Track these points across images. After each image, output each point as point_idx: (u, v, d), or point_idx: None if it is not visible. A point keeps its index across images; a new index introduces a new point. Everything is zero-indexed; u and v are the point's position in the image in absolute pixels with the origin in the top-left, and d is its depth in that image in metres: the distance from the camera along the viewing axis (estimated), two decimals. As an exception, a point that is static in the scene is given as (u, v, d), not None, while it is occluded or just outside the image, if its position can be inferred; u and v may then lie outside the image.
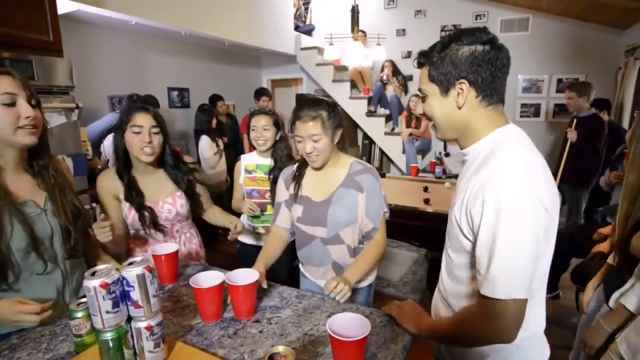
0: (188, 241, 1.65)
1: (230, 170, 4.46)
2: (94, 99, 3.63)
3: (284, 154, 1.94)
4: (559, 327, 2.52)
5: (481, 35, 0.81)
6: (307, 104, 1.31)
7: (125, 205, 1.48)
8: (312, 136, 1.28)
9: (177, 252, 1.30)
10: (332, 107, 1.34)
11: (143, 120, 1.43)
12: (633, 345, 1.09)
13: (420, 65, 0.90)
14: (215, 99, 4.38)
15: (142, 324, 0.81)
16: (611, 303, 1.32)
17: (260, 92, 4.51)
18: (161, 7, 3.41)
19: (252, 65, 6.22)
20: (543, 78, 5.05)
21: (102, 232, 1.23)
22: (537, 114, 5.17)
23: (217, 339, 0.99)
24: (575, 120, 3.25)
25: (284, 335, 1.01)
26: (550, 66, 4.96)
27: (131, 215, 1.49)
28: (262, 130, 1.88)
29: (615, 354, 1.15)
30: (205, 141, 3.61)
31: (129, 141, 1.43)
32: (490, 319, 0.78)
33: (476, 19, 5.29)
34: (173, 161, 1.56)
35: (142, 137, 1.42)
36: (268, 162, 1.97)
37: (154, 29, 3.79)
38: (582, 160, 3.18)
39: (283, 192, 1.49)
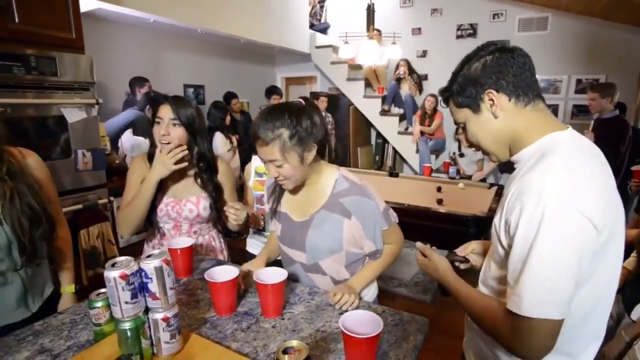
0: (207, 243, 1.62)
1: (243, 165, 4.55)
2: (113, 95, 3.71)
3: None
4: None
5: (487, 48, 0.82)
6: (266, 119, 1.06)
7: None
8: (272, 162, 1.08)
9: (192, 246, 1.32)
10: (298, 122, 1.06)
11: (164, 111, 1.41)
12: (651, 351, 1.07)
13: (446, 101, 0.90)
14: (229, 96, 4.42)
15: (159, 315, 0.83)
16: (634, 315, 1.29)
17: (270, 91, 4.54)
18: (179, 5, 3.47)
19: (266, 63, 6.26)
20: (562, 78, 4.96)
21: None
22: (554, 115, 5.06)
23: (230, 332, 1.01)
24: (593, 122, 3.19)
25: (297, 330, 1.02)
26: (569, 66, 4.87)
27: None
28: None
29: (633, 360, 1.13)
30: (219, 138, 3.65)
31: (154, 131, 1.43)
32: (516, 334, 0.72)
33: (493, 17, 5.22)
34: (203, 163, 1.50)
35: (160, 129, 1.41)
36: None
37: (172, 27, 3.86)
38: None
39: (268, 201, 1.36)
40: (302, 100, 1.19)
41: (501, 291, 0.83)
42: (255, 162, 1.81)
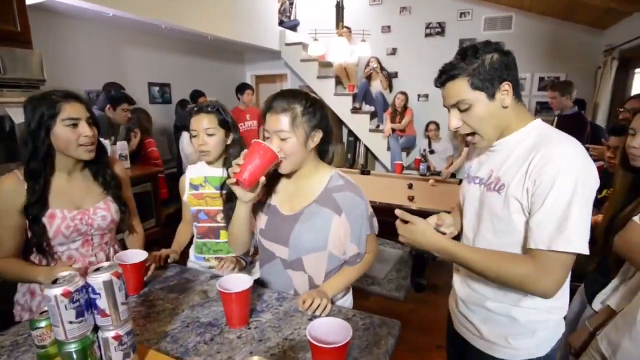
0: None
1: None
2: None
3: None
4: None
5: (499, 45, 0.94)
6: (282, 94, 1.12)
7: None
8: (278, 132, 1.07)
9: (145, 261, 1.21)
10: (312, 103, 1.11)
11: (77, 110, 1.19)
12: (614, 342, 1.09)
13: (452, 77, 0.94)
14: (196, 95, 4.29)
15: (110, 334, 0.76)
16: (596, 306, 1.32)
17: (242, 87, 4.45)
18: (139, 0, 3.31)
19: (235, 60, 6.13)
20: (525, 76, 5.11)
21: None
22: (520, 111, 5.24)
23: (192, 345, 0.95)
24: (556, 119, 3.30)
25: (263, 340, 0.97)
26: (532, 64, 5.03)
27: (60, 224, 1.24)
28: (204, 135, 1.45)
29: (596, 351, 1.15)
30: (186, 137, 3.53)
31: (61, 137, 1.17)
32: (549, 272, 0.85)
33: (460, 16, 5.32)
34: (102, 159, 1.33)
35: (80, 130, 1.19)
36: (220, 172, 1.53)
37: (133, 22, 3.68)
38: None
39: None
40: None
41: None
42: (190, 173, 1.58)
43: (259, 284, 1.27)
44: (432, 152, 4.63)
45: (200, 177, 1.55)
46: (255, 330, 1.01)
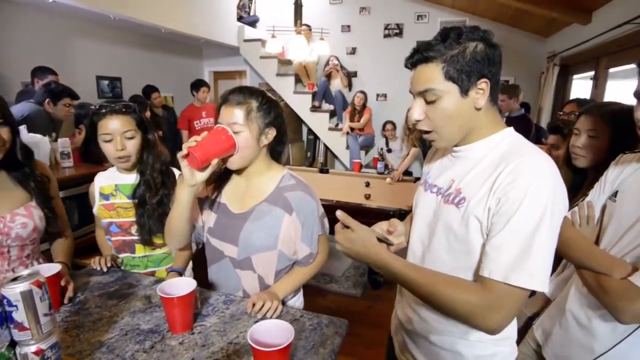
0: None
1: (169, 164, 4.25)
2: (5, 86, 3.24)
3: (155, 165, 1.38)
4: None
5: (487, 34, 0.78)
6: (240, 89, 1.11)
7: None
8: (232, 125, 1.05)
9: (60, 273, 1.09)
10: (268, 101, 1.11)
11: None
12: (547, 330, 1.16)
13: (425, 60, 0.78)
14: (149, 90, 4.11)
15: (30, 349, 0.70)
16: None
17: (198, 84, 4.28)
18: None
19: (192, 55, 5.93)
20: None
21: None
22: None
23: (130, 354, 0.90)
24: (504, 120, 3.49)
25: (207, 345, 0.94)
26: (483, 68, 5.26)
27: None
28: (122, 138, 1.29)
29: (532, 339, 1.23)
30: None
31: None
32: (499, 307, 0.74)
33: (418, 19, 5.47)
34: (22, 159, 1.19)
35: None
36: (132, 179, 1.39)
37: (77, 10, 3.45)
38: None
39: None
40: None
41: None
42: (99, 181, 1.42)
43: (207, 286, 1.23)
44: (389, 150, 4.73)
45: (110, 186, 1.40)
46: (198, 336, 0.98)
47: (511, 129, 0.85)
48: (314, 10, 5.62)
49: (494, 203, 0.75)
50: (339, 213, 0.85)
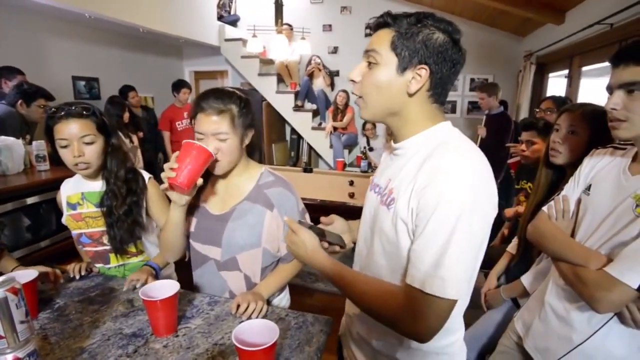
0: None
1: (150, 166, 4.17)
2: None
3: (119, 173, 1.28)
4: (472, 309, 2.72)
5: (455, 30, 0.76)
6: (215, 94, 1.07)
7: None
8: (218, 134, 1.04)
9: (36, 280, 1.05)
10: (245, 103, 1.11)
11: None
12: (527, 322, 1.19)
13: (383, 25, 0.78)
14: (125, 90, 4.02)
15: (6, 358, 0.68)
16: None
17: (178, 85, 4.20)
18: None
19: (173, 55, 5.85)
20: (459, 77, 5.44)
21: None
22: (453, 110, 5.58)
23: (113, 360, 0.89)
24: (485, 118, 3.57)
25: (191, 347, 0.93)
26: (464, 66, 5.36)
27: None
28: (80, 144, 1.19)
29: (513, 332, 1.26)
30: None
31: None
32: (421, 316, 0.69)
33: (398, 18, 5.52)
34: None
35: None
36: (99, 186, 1.30)
37: (49, 8, 3.35)
38: (490, 154, 3.48)
39: None
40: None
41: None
42: (65, 190, 1.34)
43: (191, 289, 1.22)
44: (371, 149, 4.76)
45: (77, 194, 1.32)
46: (183, 338, 0.97)
47: (447, 123, 0.80)
48: (295, 9, 5.61)
49: (415, 204, 0.71)
50: (286, 218, 0.88)
